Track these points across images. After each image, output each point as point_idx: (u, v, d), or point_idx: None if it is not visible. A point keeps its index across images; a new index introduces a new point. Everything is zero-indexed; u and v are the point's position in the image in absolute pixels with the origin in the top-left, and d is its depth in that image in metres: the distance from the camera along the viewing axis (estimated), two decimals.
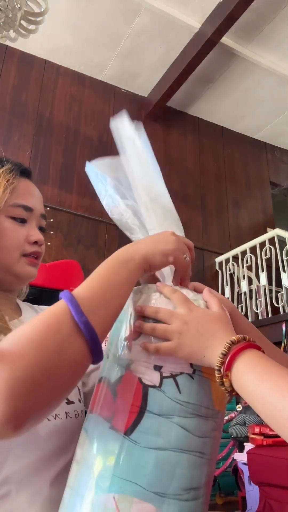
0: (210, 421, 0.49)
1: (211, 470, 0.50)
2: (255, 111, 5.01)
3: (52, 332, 0.43)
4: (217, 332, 0.51)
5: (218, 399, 0.50)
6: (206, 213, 4.77)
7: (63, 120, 4.21)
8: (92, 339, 0.44)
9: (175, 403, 0.47)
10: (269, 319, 3.74)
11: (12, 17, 2.13)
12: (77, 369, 0.44)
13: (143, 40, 4.06)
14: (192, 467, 0.46)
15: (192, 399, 0.48)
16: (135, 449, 0.45)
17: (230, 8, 3.44)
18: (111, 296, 0.49)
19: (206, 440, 0.48)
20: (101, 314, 0.46)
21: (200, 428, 0.48)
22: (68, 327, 0.44)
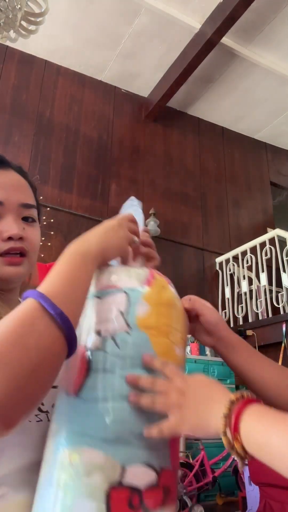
0: (156, 373, 0.52)
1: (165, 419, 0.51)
2: (255, 111, 5.01)
3: (27, 328, 0.43)
4: (215, 396, 0.51)
5: (162, 352, 0.53)
6: (206, 213, 4.77)
7: (63, 120, 4.21)
8: (68, 329, 0.45)
9: (115, 359, 0.51)
10: (269, 319, 3.73)
11: (12, 17, 2.13)
12: (56, 361, 0.45)
13: (143, 41, 4.06)
14: (136, 414, 0.49)
15: (131, 353, 0.51)
16: (83, 405, 0.49)
17: (230, 8, 3.44)
18: (75, 289, 0.50)
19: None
20: (70, 307, 0.47)
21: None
22: (43, 321, 0.44)
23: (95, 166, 4.24)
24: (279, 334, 3.42)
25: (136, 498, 0.46)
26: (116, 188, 4.28)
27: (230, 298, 4.27)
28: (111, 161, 4.35)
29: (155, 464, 0.49)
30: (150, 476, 0.48)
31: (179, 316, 0.58)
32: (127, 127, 4.60)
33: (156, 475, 0.49)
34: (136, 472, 0.47)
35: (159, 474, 0.49)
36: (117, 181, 4.31)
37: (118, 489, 0.46)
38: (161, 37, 4.02)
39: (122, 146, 4.49)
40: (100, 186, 4.19)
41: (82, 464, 0.47)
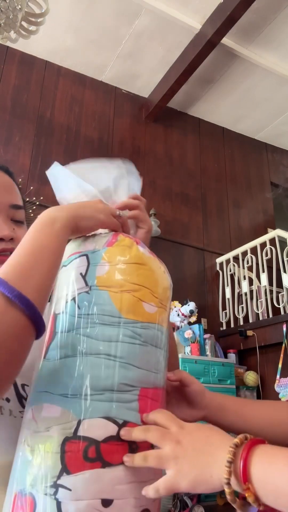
0: (120, 328, 0.51)
1: (135, 376, 0.50)
2: (256, 112, 5.01)
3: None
4: (215, 441, 0.45)
5: (125, 308, 0.52)
6: (206, 214, 4.77)
7: (64, 121, 4.21)
8: (30, 309, 0.44)
9: (76, 318, 0.51)
10: (269, 320, 3.73)
11: (12, 18, 2.13)
12: (22, 342, 0.44)
13: (144, 41, 4.06)
14: (97, 368, 0.49)
15: (91, 311, 0.51)
16: (47, 364, 0.51)
17: (231, 9, 3.45)
18: (39, 260, 0.48)
19: (115, 344, 0.50)
20: (32, 282, 0.45)
21: (104, 333, 0.51)
22: (1, 305, 0.43)
23: None
24: (280, 334, 3.42)
25: (93, 449, 0.46)
26: None
27: (231, 298, 4.27)
28: None
29: (116, 418, 0.48)
30: (108, 428, 0.47)
31: (147, 274, 0.56)
32: (127, 128, 4.60)
33: (117, 428, 0.47)
34: (92, 424, 0.47)
35: (121, 427, 0.48)
36: None
37: (72, 441, 0.46)
38: (161, 38, 4.03)
39: (122, 146, 4.49)
40: None
41: (42, 419, 0.48)
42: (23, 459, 0.48)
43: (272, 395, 3.52)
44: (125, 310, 0.52)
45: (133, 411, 0.49)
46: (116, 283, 0.53)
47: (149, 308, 0.54)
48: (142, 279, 0.55)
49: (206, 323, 4.17)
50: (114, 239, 0.58)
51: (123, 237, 0.59)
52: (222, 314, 4.32)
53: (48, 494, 0.44)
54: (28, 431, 0.49)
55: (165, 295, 0.59)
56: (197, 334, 3.77)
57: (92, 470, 0.45)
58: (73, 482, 0.44)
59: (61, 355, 0.50)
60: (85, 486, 0.44)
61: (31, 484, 0.45)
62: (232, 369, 3.66)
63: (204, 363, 3.54)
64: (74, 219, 0.54)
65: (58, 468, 0.45)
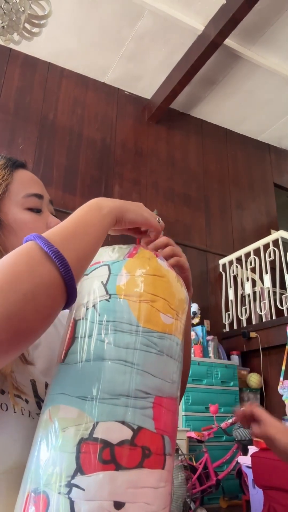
0: (138, 336, 0.53)
1: (150, 383, 0.52)
2: (259, 113, 5.01)
3: (23, 259, 0.42)
4: None
5: (143, 317, 0.54)
6: (209, 215, 4.76)
7: (67, 123, 4.22)
8: (65, 268, 0.44)
9: (95, 324, 0.53)
10: (273, 321, 3.72)
11: (16, 20, 2.14)
12: (53, 300, 0.43)
13: (146, 43, 4.07)
14: (113, 373, 0.50)
15: (110, 318, 0.53)
16: (65, 368, 0.53)
17: (234, 10, 3.45)
18: (82, 233, 0.49)
19: (132, 351, 0.52)
20: (72, 247, 0.46)
21: (122, 340, 0.52)
22: (38, 256, 0.43)
23: (98, 168, 4.25)
24: (283, 336, 3.41)
25: (107, 452, 0.47)
26: (119, 190, 4.28)
27: (234, 300, 4.26)
28: (114, 163, 4.35)
29: (131, 423, 0.49)
30: (123, 432, 0.48)
31: (164, 285, 0.58)
32: (130, 129, 4.60)
33: (132, 432, 0.48)
34: (108, 428, 0.48)
35: (136, 432, 0.49)
36: (120, 183, 4.31)
37: (88, 442, 0.47)
38: (164, 39, 4.03)
39: (125, 148, 4.49)
40: (103, 188, 4.20)
41: (59, 420, 0.49)
42: (38, 459, 0.49)
43: (276, 397, 3.51)
44: (142, 319, 0.54)
45: (147, 418, 0.50)
46: (135, 292, 0.55)
47: (166, 319, 0.56)
48: (160, 290, 0.57)
49: (209, 324, 4.17)
50: (135, 250, 0.60)
51: (143, 250, 0.61)
52: (225, 315, 4.31)
53: (62, 493, 0.45)
54: (44, 431, 0.50)
55: (181, 307, 0.60)
56: (200, 336, 3.77)
57: (106, 472, 0.46)
58: (87, 483, 0.45)
59: (80, 359, 0.52)
60: (98, 487, 0.45)
61: (45, 483, 0.46)
62: (235, 371, 3.64)
63: (207, 364, 3.53)
64: (121, 210, 0.57)
65: (73, 468, 0.46)
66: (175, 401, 0.56)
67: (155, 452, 0.49)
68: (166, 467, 0.51)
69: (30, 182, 0.69)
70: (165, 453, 0.50)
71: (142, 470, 0.48)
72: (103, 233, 0.53)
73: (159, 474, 0.49)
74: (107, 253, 0.60)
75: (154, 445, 0.50)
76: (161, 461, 0.50)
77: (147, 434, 0.49)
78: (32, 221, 0.65)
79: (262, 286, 4.03)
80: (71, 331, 0.55)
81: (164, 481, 0.50)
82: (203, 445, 3.00)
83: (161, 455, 0.50)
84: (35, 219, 0.66)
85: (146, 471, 0.48)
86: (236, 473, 3.03)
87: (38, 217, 0.66)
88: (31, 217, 0.65)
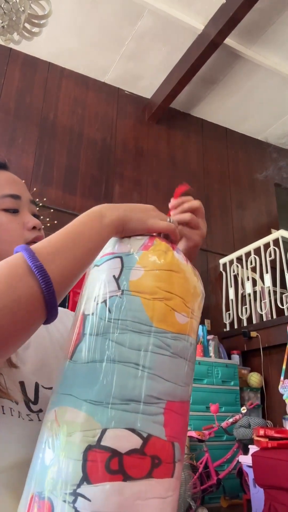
0: (151, 337, 0.50)
1: (162, 388, 0.50)
2: (259, 112, 5.01)
3: (5, 272, 0.42)
4: None
5: (156, 317, 0.51)
6: (210, 215, 4.76)
7: (67, 123, 4.22)
8: (47, 285, 0.43)
9: (106, 322, 0.50)
10: (273, 321, 3.72)
11: (16, 20, 2.14)
12: (30, 316, 0.43)
13: (147, 42, 4.07)
14: (124, 377, 0.48)
15: (122, 316, 0.50)
16: (73, 367, 0.50)
17: (234, 10, 3.44)
18: (74, 245, 0.48)
19: (144, 354, 0.49)
20: (58, 262, 0.46)
21: (133, 341, 0.50)
22: (21, 269, 0.43)
23: (99, 167, 4.25)
24: (284, 335, 3.41)
25: (115, 462, 0.45)
26: (119, 190, 4.28)
27: (234, 299, 4.26)
28: (114, 163, 4.36)
29: (141, 430, 0.47)
30: (132, 441, 0.46)
31: (181, 282, 0.55)
32: (130, 129, 4.60)
33: (142, 441, 0.46)
34: (117, 435, 0.46)
35: (146, 441, 0.47)
36: (120, 183, 4.31)
37: (95, 450, 0.45)
38: (164, 39, 4.03)
39: (125, 147, 4.49)
40: (104, 187, 4.20)
41: (65, 424, 0.47)
42: (43, 461, 0.47)
43: (276, 396, 3.51)
44: (156, 319, 0.51)
45: (158, 425, 0.48)
46: (149, 289, 0.52)
47: (181, 318, 0.53)
48: (176, 287, 0.54)
49: (209, 324, 4.17)
50: (150, 242, 0.56)
51: (159, 241, 0.57)
52: (225, 315, 4.31)
53: (67, 502, 0.44)
54: (50, 432, 0.48)
55: (197, 304, 0.58)
56: (200, 335, 3.77)
57: (113, 483, 0.44)
58: (93, 493, 0.44)
59: (89, 359, 0.50)
60: (105, 498, 0.43)
61: (50, 489, 0.45)
62: (235, 370, 3.64)
63: (207, 364, 3.53)
64: (123, 220, 0.54)
65: (79, 476, 0.44)
66: (187, 404, 0.54)
67: (164, 461, 0.48)
68: (175, 474, 0.49)
69: (7, 183, 0.68)
70: (174, 460, 0.48)
71: (151, 481, 0.46)
72: (100, 244, 0.52)
73: (168, 483, 0.47)
74: (120, 244, 0.57)
75: (164, 453, 0.48)
76: (170, 469, 0.48)
77: (157, 443, 0.47)
78: (7, 222, 0.65)
79: (262, 286, 4.03)
80: (80, 327, 0.53)
81: (172, 489, 0.48)
82: (204, 444, 3.00)
83: (170, 463, 0.48)
84: (10, 219, 0.65)
85: (155, 481, 0.46)
86: (237, 472, 3.03)
87: (13, 218, 0.66)
88: (6, 217, 0.65)
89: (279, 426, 3.25)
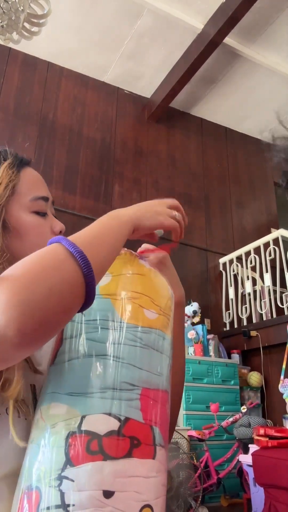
0: (123, 331, 0.55)
1: (136, 375, 0.53)
2: (259, 112, 5.00)
3: (49, 256, 0.45)
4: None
5: (126, 313, 0.55)
6: (209, 214, 4.76)
7: (67, 122, 4.22)
8: (87, 268, 0.46)
9: (81, 324, 0.55)
10: (273, 320, 3.72)
11: (15, 19, 2.14)
12: (74, 297, 0.45)
13: (146, 42, 4.06)
14: (100, 368, 0.52)
15: (95, 317, 0.55)
16: (54, 369, 0.55)
17: (233, 9, 3.44)
18: (102, 239, 0.52)
19: (117, 346, 0.53)
20: (93, 251, 0.48)
21: (106, 336, 0.54)
22: (63, 255, 0.45)
23: (98, 167, 4.25)
24: (284, 335, 3.41)
25: (95, 443, 0.48)
26: (119, 189, 4.28)
27: (234, 298, 4.26)
28: (114, 162, 4.35)
29: (118, 414, 0.50)
30: (110, 424, 0.49)
31: (147, 283, 0.60)
32: (130, 128, 4.60)
33: (119, 423, 0.49)
34: (95, 420, 0.49)
35: (124, 423, 0.50)
36: (120, 182, 4.31)
37: (76, 435, 0.48)
38: (163, 38, 4.03)
39: (125, 147, 4.49)
40: (104, 187, 4.20)
41: (49, 417, 0.51)
42: (31, 457, 0.50)
43: (276, 395, 3.51)
44: (126, 316, 0.55)
45: (134, 409, 0.51)
46: (118, 291, 0.57)
47: (149, 314, 0.57)
48: (142, 288, 0.59)
49: (209, 323, 4.17)
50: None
51: (126, 252, 0.63)
52: (225, 314, 4.31)
53: (53, 486, 0.46)
54: (36, 430, 0.51)
55: (166, 304, 0.61)
56: (200, 335, 3.77)
57: (94, 462, 0.47)
58: (76, 474, 0.46)
59: (67, 358, 0.54)
60: (87, 477, 0.46)
61: (37, 479, 0.48)
62: (235, 370, 3.65)
63: (207, 363, 3.53)
64: (137, 219, 0.59)
65: (62, 461, 0.47)
66: (165, 393, 0.56)
67: (144, 442, 0.50)
68: (157, 457, 0.51)
69: (37, 183, 0.68)
70: (155, 443, 0.51)
71: (131, 460, 0.48)
72: (122, 240, 0.56)
73: (150, 464, 0.50)
74: None
75: (142, 435, 0.51)
76: (151, 451, 0.51)
77: (135, 425, 0.50)
78: (38, 225, 0.65)
79: (262, 285, 4.03)
80: (60, 334, 0.57)
81: (155, 471, 0.50)
82: (204, 443, 3.00)
83: (150, 445, 0.51)
84: (41, 223, 0.65)
85: (136, 461, 0.49)
86: (237, 471, 3.03)
87: (44, 221, 0.66)
88: (37, 221, 0.65)
89: (279, 425, 3.26)
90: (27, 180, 0.67)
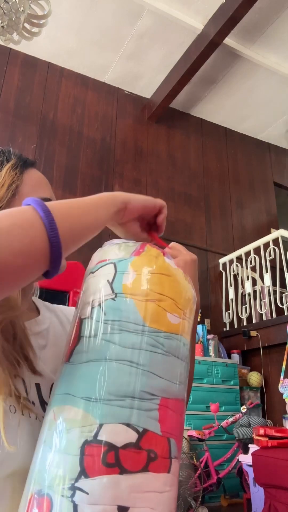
0: (144, 336, 0.52)
1: (156, 384, 0.51)
2: (259, 112, 5.01)
3: (19, 215, 0.45)
4: None
5: (149, 317, 0.53)
6: (209, 214, 4.76)
7: (67, 122, 4.22)
8: (54, 234, 0.45)
9: (101, 324, 0.53)
10: (273, 320, 3.72)
11: (15, 20, 2.14)
12: (35, 255, 0.44)
13: (146, 42, 4.07)
14: (119, 374, 0.50)
15: (116, 317, 0.53)
16: (70, 368, 0.52)
17: (233, 9, 3.44)
18: (83, 212, 0.52)
19: (138, 352, 0.51)
20: (67, 223, 0.48)
21: (127, 340, 0.52)
22: (32, 216, 0.45)
23: (99, 167, 4.25)
24: (284, 335, 3.41)
25: (112, 455, 0.46)
26: (119, 189, 4.28)
27: (234, 299, 4.26)
28: (114, 162, 4.36)
29: (136, 425, 0.48)
30: (128, 435, 0.47)
31: (172, 284, 0.57)
32: (130, 128, 4.60)
33: (137, 435, 0.47)
34: (113, 430, 0.47)
35: (141, 435, 0.48)
36: (120, 182, 4.32)
37: (92, 445, 0.46)
38: (163, 38, 4.03)
39: (125, 147, 4.49)
40: (104, 187, 4.20)
41: (64, 421, 0.49)
42: (42, 460, 0.48)
43: (276, 395, 3.52)
44: (149, 319, 0.53)
45: (153, 420, 0.49)
46: (142, 291, 0.54)
47: (172, 319, 0.55)
48: (167, 289, 0.56)
49: (209, 323, 4.17)
50: (141, 249, 0.59)
51: (150, 247, 0.60)
52: (225, 314, 4.31)
53: (65, 496, 0.44)
54: (48, 431, 0.49)
55: (189, 306, 0.59)
56: (200, 335, 3.77)
57: (110, 475, 0.45)
58: (91, 486, 0.45)
59: (85, 359, 0.51)
60: (102, 491, 0.44)
61: (49, 485, 0.46)
62: (235, 370, 3.65)
63: (207, 363, 3.53)
64: (124, 200, 0.59)
65: (76, 470, 0.45)
66: (182, 403, 0.54)
67: (160, 456, 0.48)
68: (172, 470, 0.50)
69: (41, 184, 0.68)
70: (170, 456, 0.49)
71: (147, 474, 0.47)
72: (105, 218, 0.56)
73: (165, 478, 0.48)
74: (113, 251, 0.60)
75: (159, 448, 0.49)
76: (166, 464, 0.49)
77: (152, 437, 0.48)
78: None
79: (262, 285, 4.04)
80: (77, 330, 0.55)
81: (169, 485, 0.49)
82: (204, 443, 3.00)
83: (166, 459, 0.49)
84: None
85: (151, 475, 0.47)
86: (237, 471, 3.03)
87: None
88: None
89: (279, 425, 3.26)
90: (30, 181, 0.66)
